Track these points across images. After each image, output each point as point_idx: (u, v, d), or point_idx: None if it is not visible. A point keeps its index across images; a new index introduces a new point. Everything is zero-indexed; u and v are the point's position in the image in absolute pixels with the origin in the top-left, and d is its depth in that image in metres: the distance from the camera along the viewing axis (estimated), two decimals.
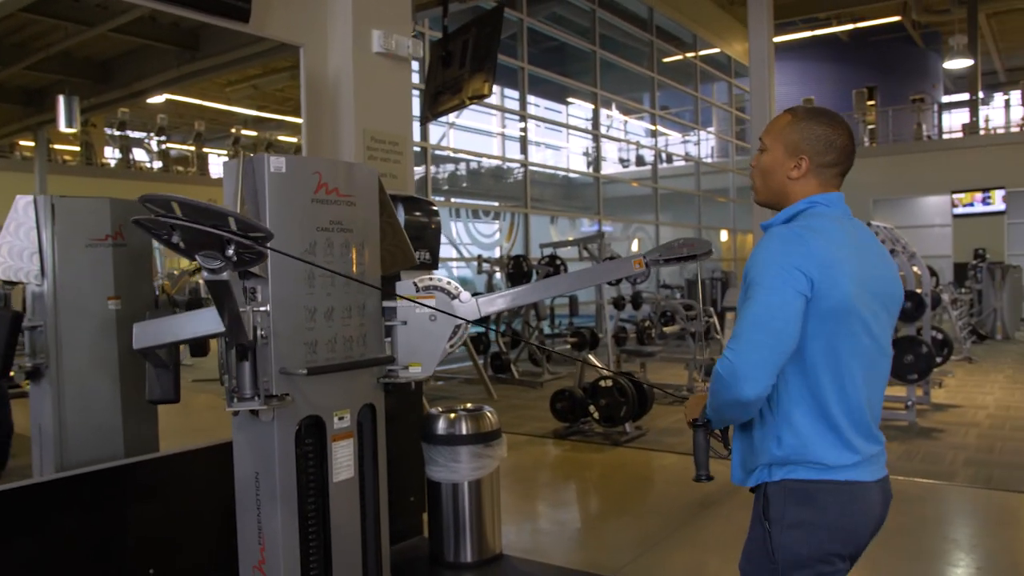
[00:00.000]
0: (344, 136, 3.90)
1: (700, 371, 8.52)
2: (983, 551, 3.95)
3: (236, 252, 1.34)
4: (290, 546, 2.56)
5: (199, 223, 1.28)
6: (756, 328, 1.55)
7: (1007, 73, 24.39)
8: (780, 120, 1.75)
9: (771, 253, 1.59)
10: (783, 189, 1.73)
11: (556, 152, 16.73)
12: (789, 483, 1.64)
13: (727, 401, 1.61)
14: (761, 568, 1.69)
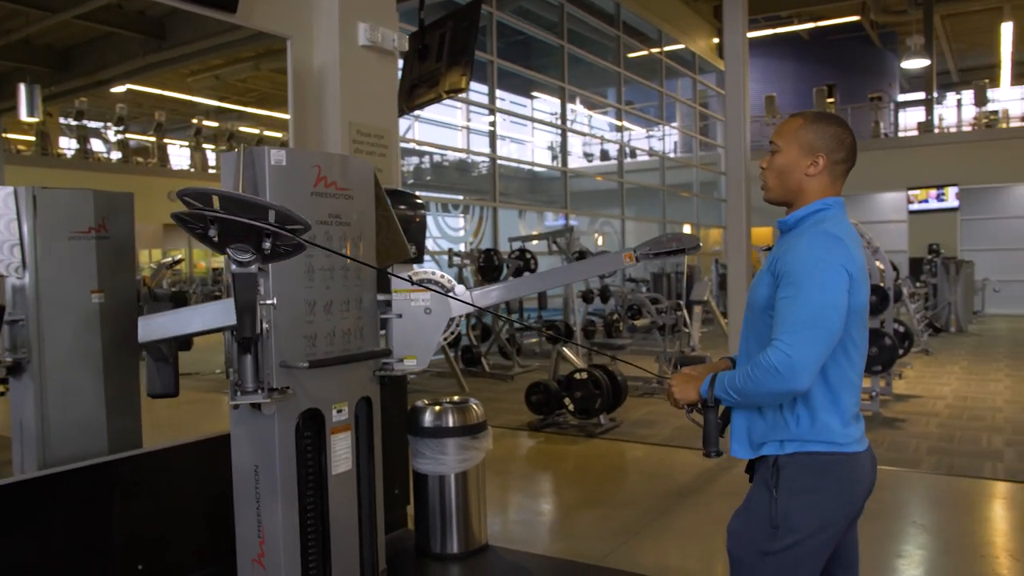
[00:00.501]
0: (330, 129, 3.89)
1: (669, 364, 8.64)
2: (947, 534, 4.09)
3: (273, 245, 1.36)
4: (290, 539, 2.57)
5: (239, 216, 1.29)
6: (812, 325, 1.66)
7: (959, 73, 25.04)
8: (792, 123, 1.88)
9: (819, 251, 1.71)
10: (800, 187, 1.85)
11: (521, 146, 16.77)
12: (801, 456, 1.77)
13: (776, 392, 1.69)
14: (758, 531, 1.80)
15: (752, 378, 1.72)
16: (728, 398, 1.80)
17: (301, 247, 1.43)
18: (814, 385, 1.74)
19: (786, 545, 1.75)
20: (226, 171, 2.59)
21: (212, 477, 3.44)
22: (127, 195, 3.59)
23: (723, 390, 1.79)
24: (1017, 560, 3.72)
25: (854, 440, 1.78)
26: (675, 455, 5.78)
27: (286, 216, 1.33)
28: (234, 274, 1.49)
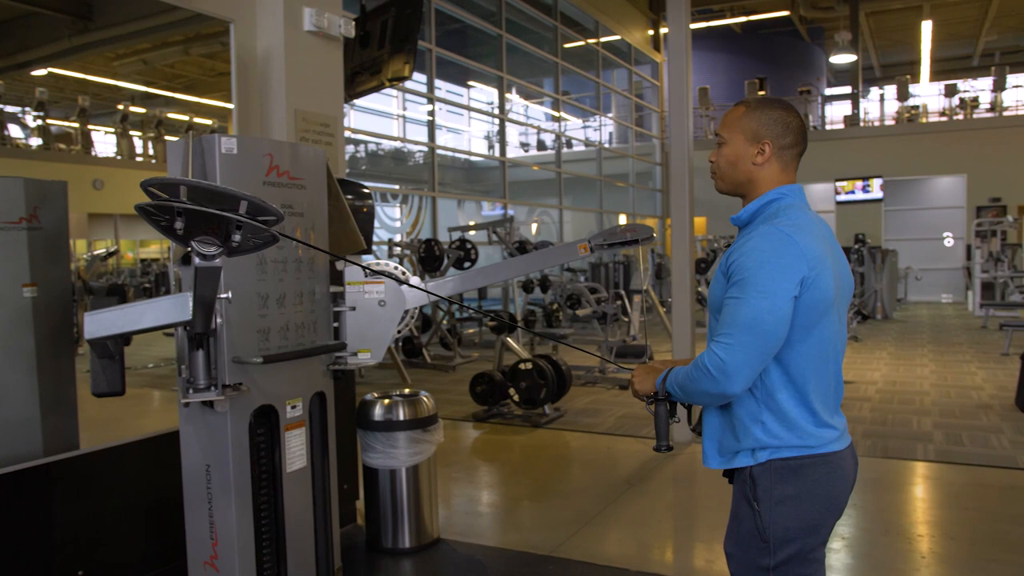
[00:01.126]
0: (275, 116, 3.78)
1: (611, 352, 8.73)
2: (885, 516, 4.23)
3: (243, 237, 1.29)
4: (245, 539, 2.49)
5: (209, 207, 1.23)
6: (747, 330, 1.63)
7: (882, 69, 25.92)
8: (734, 113, 1.83)
9: (764, 254, 1.65)
10: (749, 177, 1.81)
11: (457, 136, 16.68)
12: (775, 463, 1.73)
13: (709, 392, 1.68)
14: (752, 548, 1.76)
15: (691, 377, 1.71)
16: (676, 393, 1.79)
17: (274, 239, 1.37)
18: (778, 386, 1.71)
19: (784, 558, 1.72)
20: (173, 159, 2.48)
21: (157, 477, 3.33)
22: (60, 183, 3.42)
23: (672, 385, 1.79)
24: (952, 539, 3.87)
25: (831, 439, 1.74)
26: (620, 443, 5.84)
27: (259, 207, 1.27)
28: (197, 268, 1.42)
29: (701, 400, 1.75)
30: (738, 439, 1.77)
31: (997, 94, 18.63)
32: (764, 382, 1.72)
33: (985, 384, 7.79)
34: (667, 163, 20.88)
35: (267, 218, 1.29)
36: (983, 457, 5.22)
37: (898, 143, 17.81)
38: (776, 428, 1.72)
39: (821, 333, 1.72)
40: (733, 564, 1.84)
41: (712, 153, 1.88)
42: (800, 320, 1.68)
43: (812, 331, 1.71)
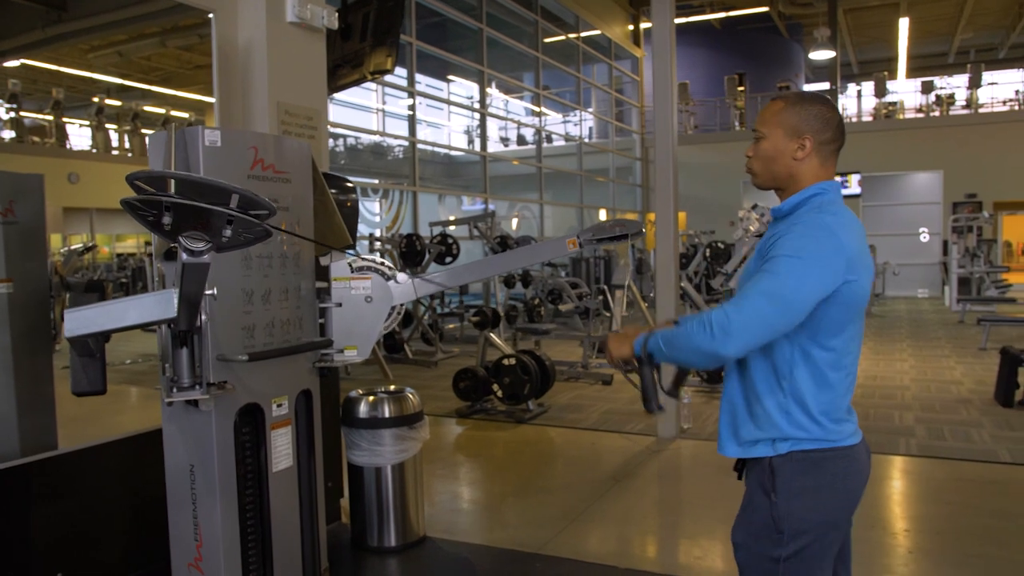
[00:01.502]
0: (257, 109, 3.70)
1: (593, 348, 8.72)
2: (872, 512, 4.24)
3: (234, 232, 1.25)
4: (230, 540, 2.43)
5: (199, 202, 1.18)
6: (767, 298, 1.61)
7: (860, 65, 26.13)
8: (773, 107, 1.81)
9: (805, 240, 1.65)
10: (789, 172, 1.79)
11: (437, 130, 16.60)
12: (796, 454, 1.72)
13: (703, 350, 1.64)
14: (764, 539, 1.75)
15: (686, 333, 1.67)
16: (659, 352, 1.75)
17: (266, 234, 1.32)
18: (807, 377, 1.70)
19: (796, 549, 1.71)
20: (155, 152, 2.42)
21: (137, 477, 3.26)
22: (36, 177, 3.34)
23: (657, 343, 1.75)
24: (936, 534, 3.90)
25: (848, 434, 1.75)
26: (605, 439, 5.83)
27: (251, 201, 1.22)
28: (184, 264, 1.37)
29: (688, 358, 1.72)
30: (760, 428, 1.75)
31: (973, 91, 18.83)
32: (794, 373, 1.71)
33: (964, 379, 7.86)
34: (647, 158, 20.94)
35: (259, 212, 1.25)
36: (964, 451, 5.26)
37: (876, 139, 17.95)
38: (802, 419, 1.72)
39: (852, 330, 1.73)
40: (741, 553, 1.82)
41: (749, 148, 1.85)
42: (836, 315, 1.68)
43: (846, 328, 1.71)
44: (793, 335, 1.69)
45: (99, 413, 5.84)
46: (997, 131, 17.23)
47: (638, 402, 7.00)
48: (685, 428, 5.93)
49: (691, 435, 5.83)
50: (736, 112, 20.29)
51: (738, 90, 20.10)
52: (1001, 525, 4.02)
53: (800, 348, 1.71)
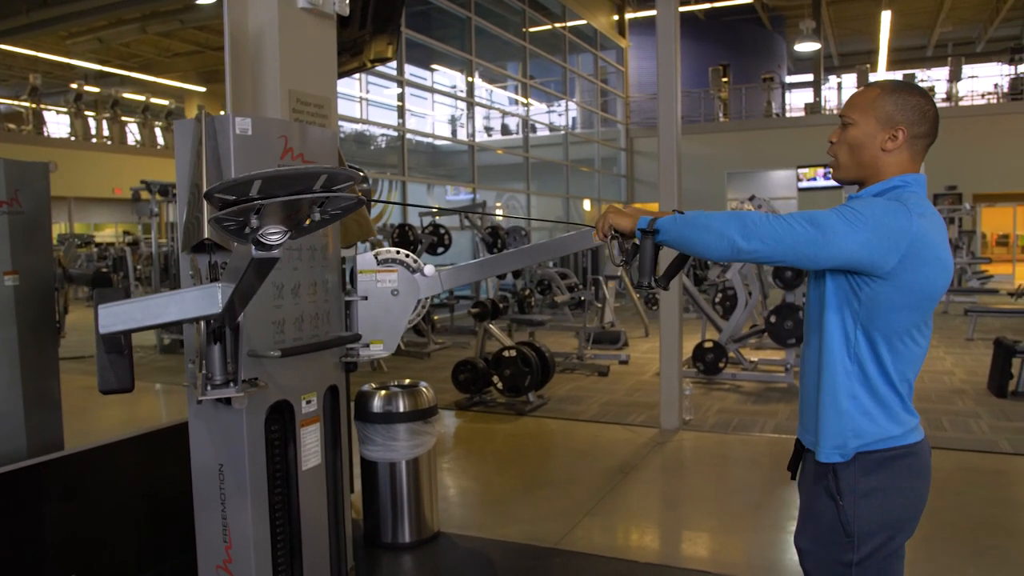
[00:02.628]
0: (268, 96, 3.59)
1: (588, 339, 8.70)
2: None
3: (322, 213, 1.18)
4: (261, 541, 2.37)
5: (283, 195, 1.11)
6: (808, 223, 1.56)
7: (841, 58, 26.29)
8: (868, 94, 1.72)
9: (875, 208, 1.59)
10: (875, 163, 1.70)
11: (421, 119, 16.45)
12: (862, 456, 1.67)
13: (723, 232, 1.60)
14: (833, 544, 1.70)
15: (712, 215, 1.64)
16: (670, 228, 1.70)
17: (359, 203, 1.25)
18: (877, 378, 1.65)
19: (868, 552, 1.67)
20: (181, 141, 2.34)
21: (150, 475, 3.18)
22: (42, 165, 3.23)
23: (670, 220, 1.71)
24: (949, 525, 3.91)
25: (911, 429, 1.70)
26: (607, 431, 5.80)
27: (338, 176, 1.15)
28: (254, 259, 1.30)
29: (703, 238, 1.65)
30: (831, 427, 1.70)
31: (953, 84, 19.01)
32: (861, 361, 1.66)
33: (955, 369, 7.93)
34: (632, 148, 20.94)
35: (345, 184, 1.18)
36: (966, 442, 5.29)
37: None
38: (873, 410, 1.67)
39: (918, 323, 1.66)
40: (810, 561, 1.78)
41: (834, 134, 1.76)
42: (900, 301, 1.61)
43: (913, 316, 1.64)
44: (859, 319, 1.64)
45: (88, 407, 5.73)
46: (976, 124, 17.41)
47: (637, 393, 7.02)
48: (687, 420, 5.92)
49: (693, 427, 5.82)
50: (720, 103, 20.32)
51: (722, 81, 20.14)
52: (1011, 515, 4.04)
53: (866, 336, 1.65)
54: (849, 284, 1.64)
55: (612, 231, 1.82)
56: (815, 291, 1.75)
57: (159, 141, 15.40)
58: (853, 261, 1.58)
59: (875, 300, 1.62)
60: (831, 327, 1.68)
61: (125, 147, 14.57)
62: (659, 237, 1.74)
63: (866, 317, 1.64)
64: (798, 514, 1.87)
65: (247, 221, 1.15)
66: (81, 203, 15.51)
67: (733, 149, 19.05)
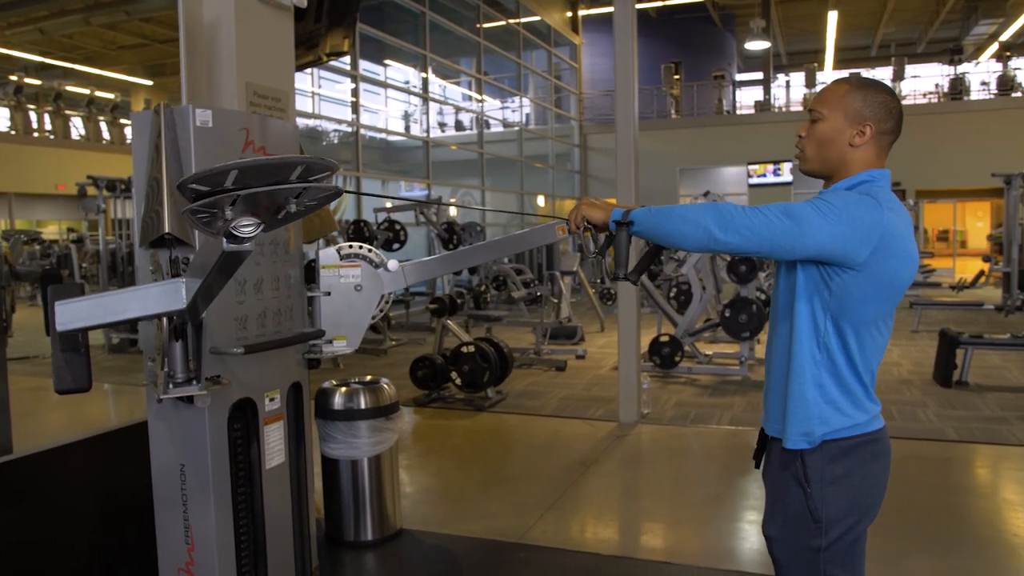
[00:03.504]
0: (224, 89, 3.52)
1: (545, 336, 8.73)
2: None
3: (298, 204, 1.15)
4: (225, 542, 2.32)
5: (259, 186, 1.09)
6: (784, 214, 1.60)
7: (789, 56, 26.78)
8: (837, 89, 1.75)
9: (848, 201, 1.62)
10: (843, 157, 1.73)
11: (374, 114, 16.31)
12: (828, 444, 1.71)
13: (700, 223, 1.63)
14: (802, 530, 1.73)
15: (692, 205, 1.68)
16: (644, 219, 1.73)
17: (337, 194, 1.22)
18: (844, 367, 1.69)
19: (836, 537, 1.71)
20: (139, 133, 2.28)
21: (106, 478, 3.10)
22: None
23: (645, 212, 1.74)
24: (899, 511, 4.01)
25: (874, 417, 1.75)
26: (567, 426, 5.83)
27: (315, 166, 1.13)
28: (225, 253, 1.27)
29: (678, 228, 1.68)
30: (798, 415, 1.73)
31: (896, 83, 19.49)
32: (829, 350, 1.69)
33: (902, 360, 8.15)
34: (585, 145, 21.05)
35: (323, 174, 1.16)
36: (915, 431, 5.44)
37: None
38: (838, 399, 1.70)
39: (884, 314, 1.71)
40: (779, 548, 1.80)
41: (802, 128, 1.79)
42: (870, 292, 1.65)
43: (880, 308, 1.68)
44: (829, 309, 1.68)
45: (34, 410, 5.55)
46: (919, 122, 17.86)
47: (595, 387, 7.06)
48: (645, 413, 5.97)
49: (651, 420, 5.88)
50: (672, 100, 20.55)
51: (674, 78, 20.36)
52: (959, 500, 4.17)
53: (835, 325, 1.69)
54: (820, 275, 1.67)
55: (585, 223, 1.83)
56: (785, 281, 1.78)
57: (105, 136, 15.00)
58: (827, 252, 1.61)
59: (845, 290, 1.65)
60: (801, 316, 1.71)
61: (69, 142, 14.15)
62: (634, 228, 1.76)
63: (836, 307, 1.67)
64: (765, 503, 1.90)
65: (221, 213, 1.12)
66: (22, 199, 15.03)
67: (685, 145, 19.28)
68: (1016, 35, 22.21)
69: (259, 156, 2.39)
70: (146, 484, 2.36)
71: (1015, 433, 5.33)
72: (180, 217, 2.16)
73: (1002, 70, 18.90)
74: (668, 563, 3.44)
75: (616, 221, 1.79)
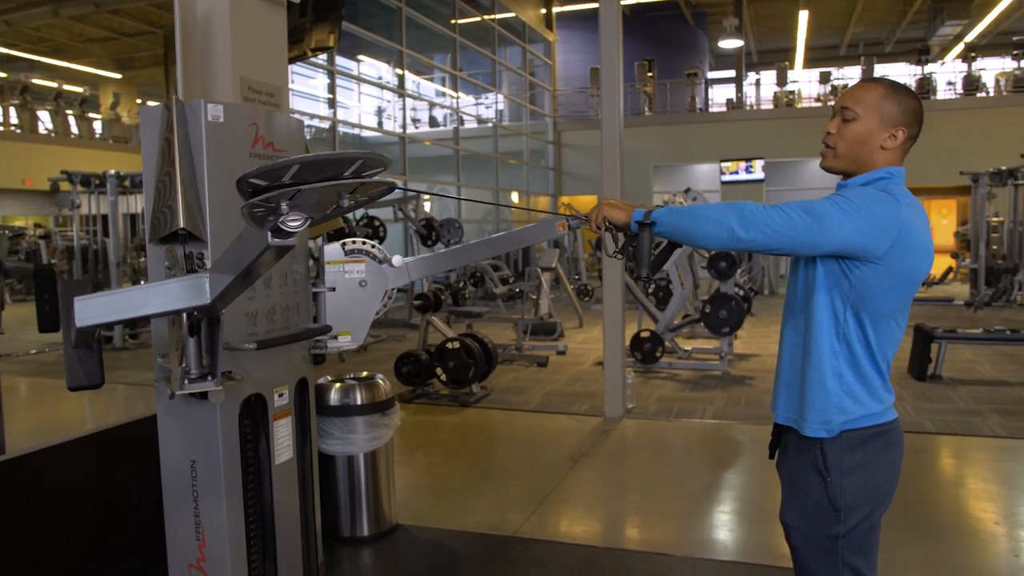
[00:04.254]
0: (219, 84, 3.49)
1: (526, 332, 8.76)
2: None
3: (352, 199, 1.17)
4: (236, 539, 2.32)
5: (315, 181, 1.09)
6: (805, 212, 1.64)
7: (759, 55, 27.08)
8: (873, 91, 1.78)
9: (867, 197, 1.67)
10: (871, 158, 1.78)
11: (347, 110, 16.21)
12: (846, 433, 1.76)
13: (723, 221, 1.67)
14: (821, 518, 1.78)
15: (710, 205, 1.72)
16: (666, 218, 1.77)
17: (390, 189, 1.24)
18: (865, 354, 1.73)
19: (854, 524, 1.76)
20: (149, 128, 2.26)
21: (96, 477, 3.07)
22: None
23: (667, 211, 1.78)
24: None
25: (889, 407, 1.80)
26: (553, 421, 5.87)
27: (371, 160, 1.14)
28: (270, 246, 1.27)
29: (701, 228, 1.72)
30: (817, 404, 1.77)
31: None
32: (849, 342, 1.74)
33: None
34: (559, 141, 21.11)
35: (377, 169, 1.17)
36: None
37: (778, 126, 18.68)
38: (857, 389, 1.75)
39: (901, 302, 1.75)
40: (797, 536, 1.85)
41: (831, 124, 1.82)
42: (888, 284, 1.70)
43: (898, 299, 1.73)
44: (848, 301, 1.72)
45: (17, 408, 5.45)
46: None
47: (578, 382, 7.11)
48: (630, 408, 6.03)
49: (636, 415, 5.94)
50: (645, 97, 20.68)
51: (647, 76, 20.48)
52: (940, 491, 4.27)
53: (855, 316, 1.74)
54: (840, 268, 1.72)
55: (606, 223, 1.86)
56: (804, 274, 1.82)
57: (73, 130, 14.74)
58: (848, 247, 1.66)
59: (864, 283, 1.70)
60: (820, 308, 1.76)
61: (37, 136, 13.88)
62: (656, 228, 1.79)
63: (856, 299, 1.72)
64: (782, 492, 1.94)
65: (278, 208, 1.13)
66: None
67: (658, 143, 19.42)
68: (980, 36, 22.68)
69: (260, 153, 2.39)
70: (140, 482, 2.34)
71: (990, 425, 5.47)
72: (192, 212, 2.16)
73: (967, 70, 19.29)
74: (662, 554, 3.49)
75: (638, 222, 1.82)
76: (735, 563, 3.41)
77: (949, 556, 3.47)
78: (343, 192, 1.18)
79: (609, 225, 1.88)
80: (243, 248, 1.46)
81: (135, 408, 6.09)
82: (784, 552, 3.22)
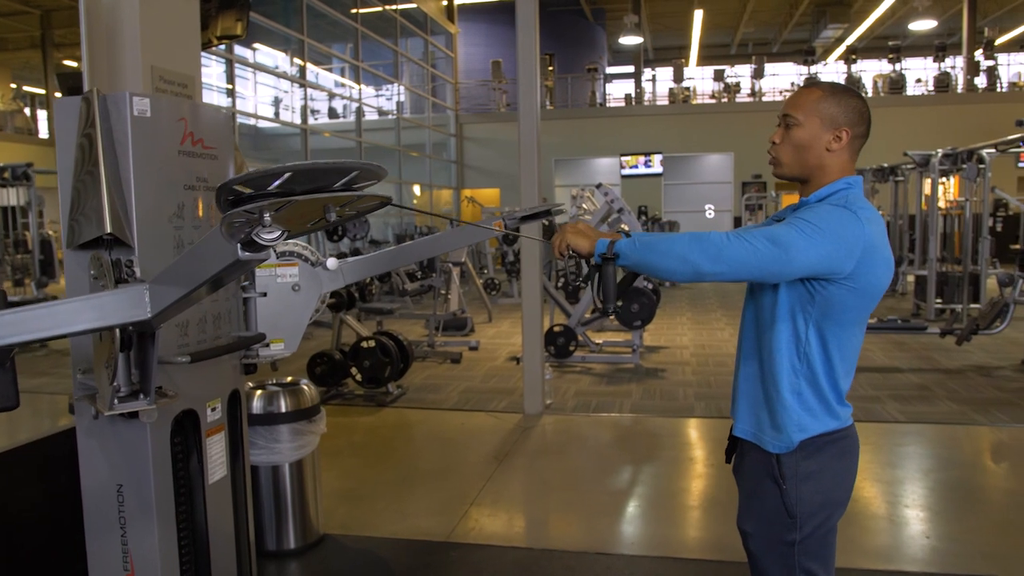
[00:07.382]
0: (128, 74, 3.25)
1: (438, 329, 8.66)
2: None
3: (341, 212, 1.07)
4: (170, 565, 2.16)
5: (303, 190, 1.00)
6: (771, 242, 1.63)
7: (655, 51, 27.73)
8: (810, 95, 1.78)
9: (830, 217, 1.67)
10: (820, 163, 1.77)
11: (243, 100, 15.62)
12: (802, 443, 1.77)
13: (687, 257, 1.65)
14: (776, 525, 1.80)
15: (673, 237, 1.70)
16: (629, 251, 1.74)
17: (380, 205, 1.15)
18: (819, 363, 1.74)
19: (810, 531, 1.77)
20: (65, 123, 2.07)
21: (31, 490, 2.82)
22: None
23: (631, 243, 1.75)
24: None
25: (846, 415, 1.82)
26: (472, 419, 5.81)
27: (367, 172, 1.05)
28: (239, 261, 1.16)
29: (664, 263, 1.70)
30: (777, 420, 1.78)
31: (756, 81, 20.59)
32: (809, 357, 1.75)
33: None
34: (462, 134, 21.01)
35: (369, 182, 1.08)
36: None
37: (675, 122, 19.18)
38: (814, 404, 1.76)
39: (862, 316, 1.78)
40: (754, 542, 1.86)
41: (776, 134, 1.81)
42: (852, 302, 1.72)
43: (860, 315, 1.76)
44: (811, 319, 1.74)
45: None
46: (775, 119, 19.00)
47: (494, 379, 7.08)
48: (548, 404, 6.04)
49: (555, 410, 5.95)
50: (546, 91, 20.82)
51: (548, 70, 20.63)
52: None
53: (818, 333, 1.75)
54: (806, 288, 1.73)
55: (569, 251, 1.81)
56: (763, 294, 1.82)
57: None
58: (815, 272, 1.68)
59: (829, 301, 1.72)
60: (781, 327, 1.77)
61: None
62: (620, 261, 1.76)
63: (819, 315, 1.74)
64: (739, 499, 1.95)
65: (260, 218, 1.03)
66: None
67: (560, 136, 19.59)
68: (860, 39, 23.95)
69: (190, 150, 2.23)
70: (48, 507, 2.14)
71: (888, 410, 5.75)
72: (117, 215, 1.99)
73: (847, 72, 20.32)
74: (601, 553, 3.49)
75: (602, 255, 1.77)
76: (672, 559, 3.45)
77: (863, 542, 3.60)
78: (331, 205, 1.08)
79: (572, 253, 1.83)
80: (200, 259, 1.33)
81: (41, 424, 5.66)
82: (721, 545, 3.30)
